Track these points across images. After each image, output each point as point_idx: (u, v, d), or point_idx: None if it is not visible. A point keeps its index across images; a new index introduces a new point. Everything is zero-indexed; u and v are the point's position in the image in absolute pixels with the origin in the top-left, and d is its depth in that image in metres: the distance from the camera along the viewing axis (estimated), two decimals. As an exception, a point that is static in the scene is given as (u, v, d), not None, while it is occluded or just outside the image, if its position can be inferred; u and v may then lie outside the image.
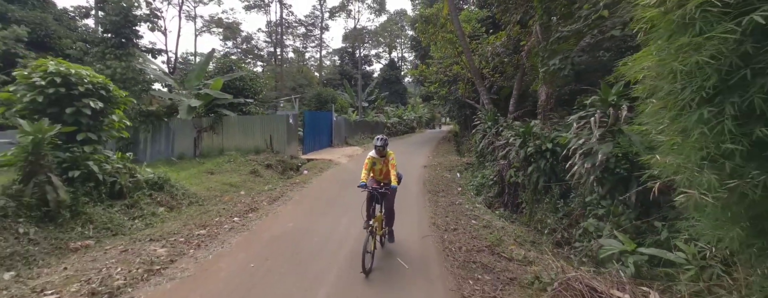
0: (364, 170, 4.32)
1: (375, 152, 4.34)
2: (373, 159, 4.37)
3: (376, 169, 4.44)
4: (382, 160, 4.38)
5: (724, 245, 2.57)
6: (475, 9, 17.62)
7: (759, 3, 1.79)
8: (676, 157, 2.38)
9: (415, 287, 3.55)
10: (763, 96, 1.83)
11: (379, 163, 4.40)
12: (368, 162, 4.37)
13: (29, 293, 3.10)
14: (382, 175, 4.47)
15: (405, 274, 3.82)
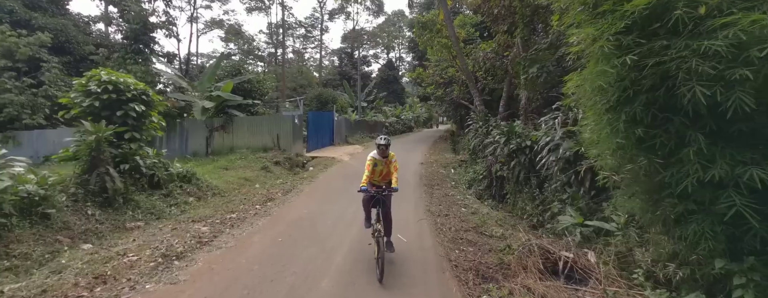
0: (366, 172, 4.11)
1: (377, 152, 4.18)
2: (374, 160, 4.19)
3: (376, 170, 4.24)
4: (384, 161, 4.22)
5: (633, 214, 3.55)
6: (471, 14, 18.56)
7: (637, 47, 2.71)
8: (598, 149, 3.33)
9: (412, 254, 4.49)
10: (641, 108, 2.76)
11: (381, 164, 4.23)
12: (370, 163, 4.16)
13: (115, 256, 4.02)
14: (382, 177, 4.31)
15: (404, 246, 4.75)
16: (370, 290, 3.49)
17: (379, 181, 4.34)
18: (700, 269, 2.82)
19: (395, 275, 3.81)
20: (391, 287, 3.55)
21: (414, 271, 3.98)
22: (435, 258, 4.35)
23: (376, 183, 4.32)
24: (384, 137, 4.22)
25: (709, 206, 2.53)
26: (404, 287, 3.55)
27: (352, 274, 3.85)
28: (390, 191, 4.11)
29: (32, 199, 4.28)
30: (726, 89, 2.24)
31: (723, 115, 2.30)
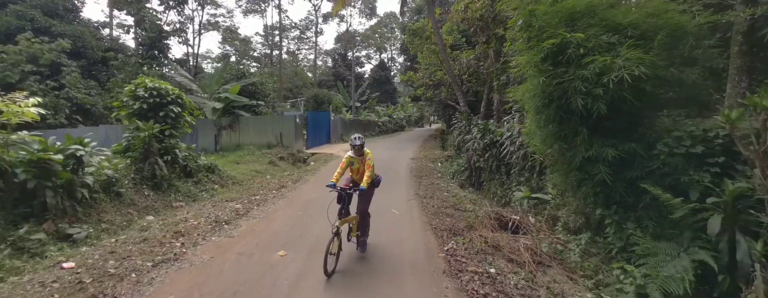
0: (339, 169, 4.25)
1: (352, 151, 4.25)
2: (350, 158, 4.30)
3: (353, 168, 4.38)
4: (360, 159, 4.30)
5: (561, 187, 5.00)
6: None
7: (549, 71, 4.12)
8: (533, 139, 4.77)
9: (404, 221, 5.87)
10: (553, 111, 4.18)
11: (357, 162, 4.33)
12: (345, 161, 4.30)
13: (179, 222, 5.32)
14: (359, 174, 4.37)
15: (397, 216, 6.13)
16: (370, 242, 4.85)
17: (357, 178, 4.39)
18: (589, 217, 4.27)
19: (391, 234, 5.19)
20: (389, 240, 4.92)
21: (405, 231, 5.36)
22: (420, 223, 5.74)
23: (355, 180, 4.40)
24: (358, 137, 4.26)
25: (591, 174, 3.96)
26: (398, 240, 4.93)
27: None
28: (355, 190, 4.09)
29: (111, 180, 5.54)
30: (593, 101, 3.66)
31: (594, 117, 3.73)
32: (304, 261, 4.07)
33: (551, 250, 4.29)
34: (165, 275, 3.57)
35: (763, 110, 2.63)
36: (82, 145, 5.04)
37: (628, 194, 3.80)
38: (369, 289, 3.46)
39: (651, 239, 3.47)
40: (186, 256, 4.09)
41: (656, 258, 3.30)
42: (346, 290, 3.44)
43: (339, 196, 4.10)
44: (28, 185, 4.21)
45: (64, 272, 3.49)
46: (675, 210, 3.27)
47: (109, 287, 3.23)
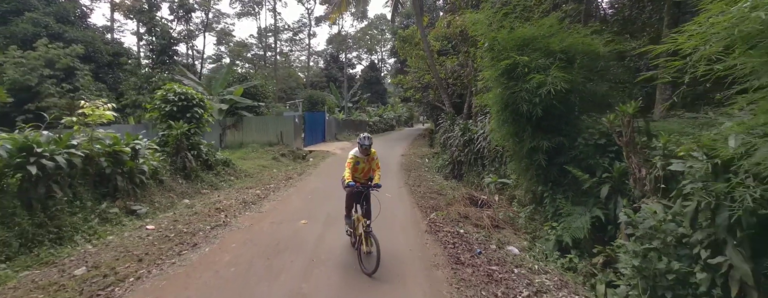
0: (348, 169, 4.13)
1: (359, 151, 4.20)
2: (356, 158, 4.23)
3: (359, 168, 4.31)
4: (366, 159, 4.27)
5: (517, 172, 6.44)
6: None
7: (505, 84, 5.53)
8: (496, 135, 6.20)
9: (395, 202, 7.24)
10: (508, 114, 5.60)
11: (363, 162, 4.28)
12: (351, 161, 4.19)
13: (215, 202, 6.57)
14: (364, 174, 4.38)
15: (389, 199, 7.50)
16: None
17: (361, 178, 4.38)
18: (535, 193, 5.72)
19: (386, 210, 6.53)
20: (385, 214, 6.26)
21: (397, 208, 6.73)
22: (409, 203, 7.13)
23: (359, 180, 4.34)
24: (366, 137, 4.25)
25: (534, 160, 5.39)
26: (392, 214, 6.29)
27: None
28: (373, 187, 4.16)
29: (155, 170, 6.75)
30: (533, 107, 5.08)
31: (535, 118, 5.15)
32: (322, 227, 5.39)
33: (506, 217, 5.74)
34: (222, 234, 4.86)
35: (627, 115, 4.09)
36: (138, 141, 6.25)
37: (558, 174, 5.24)
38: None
39: (571, 205, 4.92)
40: (231, 223, 5.38)
41: (571, 217, 4.74)
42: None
43: (359, 194, 4.14)
44: (106, 171, 5.43)
45: (149, 231, 4.75)
46: (585, 183, 4.72)
47: (188, 239, 4.51)
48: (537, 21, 6.24)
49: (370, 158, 4.33)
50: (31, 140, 4.35)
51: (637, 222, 3.46)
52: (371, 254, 3.76)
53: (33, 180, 4.30)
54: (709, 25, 2.30)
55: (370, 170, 4.39)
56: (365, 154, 4.25)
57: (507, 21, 6.19)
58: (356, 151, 4.28)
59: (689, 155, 3.15)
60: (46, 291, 3.10)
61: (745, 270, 2.60)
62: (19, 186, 4.23)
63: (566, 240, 4.53)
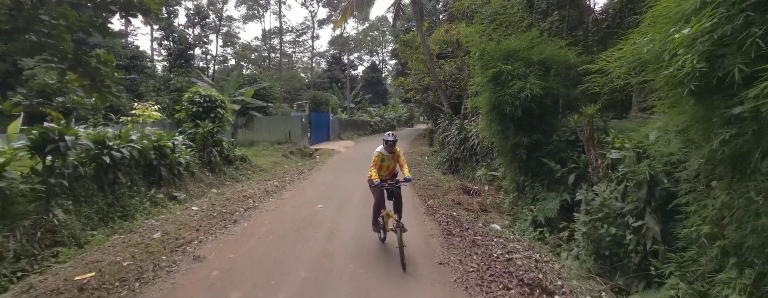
0: (373, 168, 4.14)
1: (384, 148, 4.21)
2: (381, 155, 4.23)
3: (383, 165, 4.32)
4: (391, 156, 4.29)
5: (503, 165, 7.41)
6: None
7: (492, 88, 6.49)
8: (486, 133, 7.17)
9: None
10: (495, 114, 6.56)
11: (388, 159, 4.28)
12: (377, 159, 4.18)
13: (241, 191, 7.54)
14: (389, 171, 4.42)
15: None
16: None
17: (385, 175, 4.41)
18: (518, 183, 6.68)
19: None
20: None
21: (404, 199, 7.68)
22: (410, 193, 8.08)
23: (383, 177, 4.36)
24: (392, 134, 4.31)
25: (516, 154, 6.35)
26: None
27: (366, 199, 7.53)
28: (403, 182, 4.23)
29: (188, 163, 7.72)
30: (515, 109, 6.04)
31: (516, 118, 6.10)
32: (336, 210, 6.35)
33: (493, 203, 6.70)
34: (254, 214, 5.83)
35: (587, 116, 5.05)
36: (176, 138, 7.23)
37: (536, 166, 6.20)
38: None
39: (545, 191, 5.89)
40: (260, 206, 6.35)
41: (545, 201, 5.71)
42: (367, 220, 5.75)
43: (390, 192, 4.20)
44: (153, 163, 6.41)
45: (194, 211, 5.73)
46: (557, 173, 5.68)
47: (228, 217, 5.48)
48: (520, 34, 7.23)
49: (395, 156, 4.36)
50: (104, 136, 5.32)
51: (590, 200, 4.42)
52: (401, 247, 3.74)
53: (104, 168, 5.27)
54: (619, 55, 3.27)
55: (395, 167, 4.44)
56: (390, 151, 4.28)
57: (495, 34, 7.17)
58: (381, 148, 4.27)
59: (623, 146, 4.12)
60: (138, 247, 4.07)
61: (656, 230, 3.56)
62: (95, 173, 5.20)
63: (540, 219, 5.49)
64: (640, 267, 3.70)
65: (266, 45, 40.63)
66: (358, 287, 3.31)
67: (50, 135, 4.38)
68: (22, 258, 3.71)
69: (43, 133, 4.34)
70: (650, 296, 3.44)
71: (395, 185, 4.22)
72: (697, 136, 3.00)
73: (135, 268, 3.52)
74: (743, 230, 2.63)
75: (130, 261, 3.66)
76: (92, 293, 3.03)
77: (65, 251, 4.01)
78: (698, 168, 3.16)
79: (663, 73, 2.90)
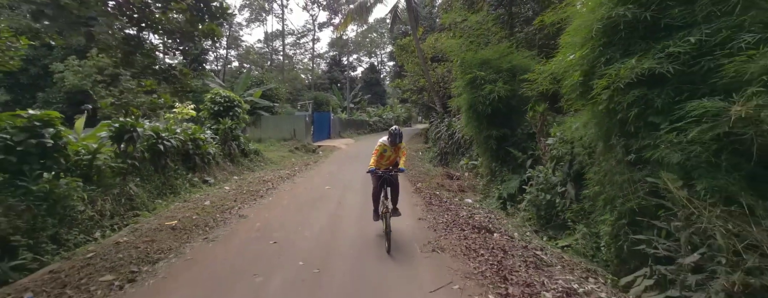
0: (374, 157, 4.32)
1: (388, 140, 4.37)
2: (384, 146, 4.39)
3: (385, 156, 4.49)
4: (393, 148, 4.44)
5: (480, 155, 8.84)
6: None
7: (469, 90, 7.89)
8: (465, 128, 8.59)
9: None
10: (471, 112, 7.97)
11: (390, 151, 4.45)
12: (379, 149, 4.37)
13: (260, 177, 8.94)
14: (389, 162, 4.58)
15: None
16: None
17: (385, 166, 4.56)
18: (491, 169, 8.09)
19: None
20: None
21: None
22: (402, 179, 9.44)
23: (384, 167, 4.53)
24: (396, 128, 4.44)
25: (488, 145, 7.77)
26: (389, 185, 8.65)
27: (366, 185, 8.95)
28: (397, 171, 4.38)
29: (214, 154, 9.11)
30: (486, 108, 7.46)
31: (488, 115, 7.51)
32: (341, 191, 7.75)
33: (470, 185, 8.12)
34: (274, 192, 7.22)
35: (538, 112, 6.46)
36: (207, 132, 8.62)
37: (504, 154, 7.61)
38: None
39: (510, 174, 7.30)
40: (278, 188, 7.75)
41: (509, 181, 7.12)
42: (367, 198, 7.15)
43: (384, 180, 4.33)
44: (190, 152, 7.80)
45: (227, 191, 7.13)
46: (519, 159, 7.10)
47: (255, 194, 6.88)
48: (494, 45, 8.66)
49: (397, 148, 4.51)
50: (159, 129, 6.71)
51: (536, 177, 5.85)
52: (388, 232, 3.96)
53: (158, 154, 6.67)
54: (546, 68, 4.70)
55: (396, 158, 4.60)
56: (393, 144, 4.43)
57: (472, 45, 8.60)
58: (385, 139, 4.48)
59: (555, 135, 5.54)
60: (196, 210, 5.46)
61: (572, 194, 4.97)
62: (151, 158, 6.59)
63: (504, 195, 6.91)
64: (564, 221, 5.12)
65: (269, 47, 42.02)
66: (361, 228, 4.73)
67: (126, 127, 5.77)
68: (114, 216, 5.11)
69: (121, 126, 5.74)
70: (566, 239, 4.85)
71: (389, 172, 4.35)
72: (591, 125, 4.43)
73: (201, 220, 4.92)
74: (610, 186, 4.04)
75: (196, 216, 5.05)
76: (180, 231, 4.42)
77: (142, 213, 5.41)
78: (595, 148, 4.58)
79: (565, 83, 4.34)
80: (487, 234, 4.49)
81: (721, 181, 2.79)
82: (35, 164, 4.33)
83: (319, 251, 3.90)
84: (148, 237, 4.20)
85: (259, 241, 4.23)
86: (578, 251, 4.54)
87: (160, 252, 3.77)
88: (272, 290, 2.98)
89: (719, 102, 2.61)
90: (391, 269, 3.44)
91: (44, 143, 4.36)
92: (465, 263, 3.46)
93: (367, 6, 20.18)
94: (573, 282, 3.03)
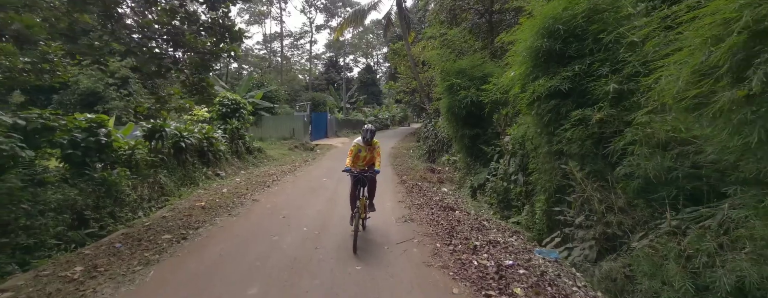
0: (349, 157, 4.40)
1: (362, 140, 4.44)
2: (358, 146, 4.47)
3: (360, 156, 4.56)
4: (368, 148, 4.49)
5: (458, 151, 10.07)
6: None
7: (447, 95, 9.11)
8: (445, 127, 9.83)
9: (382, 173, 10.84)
10: (450, 114, 9.20)
11: (365, 151, 4.51)
12: (353, 149, 4.45)
13: (265, 172, 10.12)
14: (365, 162, 4.64)
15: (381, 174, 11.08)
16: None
17: (362, 166, 4.63)
18: (467, 163, 9.31)
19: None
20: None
21: (383, 175, 10.29)
22: (391, 173, 10.72)
23: (360, 168, 4.60)
24: (369, 126, 4.57)
25: (464, 143, 9.00)
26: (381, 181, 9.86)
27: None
28: (372, 172, 4.46)
29: (224, 151, 10.27)
30: (461, 110, 8.69)
31: (463, 117, 8.73)
32: (336, 182, 8.94)
33: (448, 178, 9.35)
34: (279, 183, 8.41)
35: (502, 115, 7.69)
36: (218, 131, 9.79)
37: (477, 150, 8.84)
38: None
39: (481, 167, 8.54)
40: (282, 180, 8.94)
41: (479, 174, 8.35)
42: (357, 188, 8.35)
43: (358, 179, 4.40)
44: (204, 149, 8.97)
45: (238, 181, 8.31)
46: (488, 154, 8.33)
47: (262, 184, 8.06)
48: (471, 56, 9.88)
49: (371, 148, 4.56)
50: (181, 129, 7.88)
51: (497, 168, 7.08)
52: (356, 232, 4.01)
53: (180, 151, 7.83)
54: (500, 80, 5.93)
55: (372, 158, 4.64)
56: (367, 143, 4.50)
57: (451, 56, 9.82)
58: (359, 140, 4.58)
59: (511, 133, 6.77)
60: (215, 196, 6.64)
61: (521, 181, 6.21)
62: (175, 154, 7.76)
63: (475, 185, 8.14)
64: (515, 203, 6.36)
65: (267, 49, 43.12)
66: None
67: (157, 127, 6.94)
68: (151, 200, 6.28)
69: (153, 126, 6.91)
70: (516, 217, 6.08)
71: (364, 173, 4.44)
72: (531, 126, 5.66)
73: (223, 202, 6.11)
74: (542, 173, 5.27)
75: (218, 200, 6.24)
76: (209, 210, 5.60)
77: (171, 198, 6.59)
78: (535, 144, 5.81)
79: (511, 93, 5.57)
80: (450, 211, 5.71)
81: (597, 165, 4.03)
82: (93, 157, 5.51)
83: (317, 222, 5.10)
84: (185, 213, 5.37)
85: (272, 216, 5.43)
86: (524, 225, 5.78)
87: (198, 223, 4.95)
88: (286, 243, 4.18)
89: (588, 111, 3.84)
90: (371, 231, 4.65)
91: (99, 140, 5.54)
92: (427, 228, 4.68)
93: (362, 12, 21.40)
94: (499, 237, 4.25)
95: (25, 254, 3.77)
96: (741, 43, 1.97)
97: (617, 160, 3.69)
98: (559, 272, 3.50)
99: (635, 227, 3.62)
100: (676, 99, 2.43)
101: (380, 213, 5.65)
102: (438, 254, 3.87)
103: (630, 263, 3.35)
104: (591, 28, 4.14)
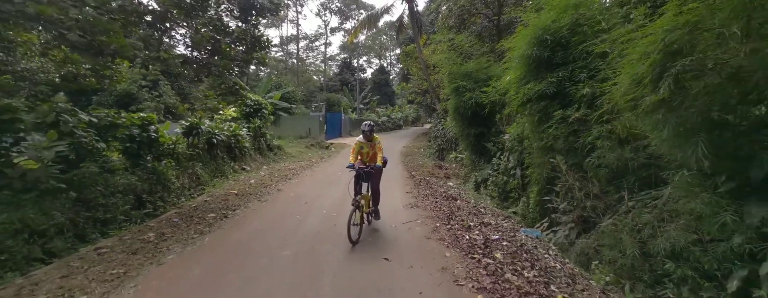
0: (352, 154, 4.66)
1: (362, 137, 4.63)
2: (360, 143, 4.67)
3: (363, 152, 4.75)
4: (369, 144, 4.64)
5: (464, 149, 10.71)
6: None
7: (454, 96, 9.76)
8: (452, 126, 10.49)
9: (393, 169, 11.55)
10: (457, 114, 9.86)
11: (366, 147, 4.68)
12: (356, 146, 4.69)
13: (286, 166, 11.01)
14: (369, 158, 4.76)
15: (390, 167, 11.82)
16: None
17: (367, 162, 4.78)
18: (472, 160, 9.94)
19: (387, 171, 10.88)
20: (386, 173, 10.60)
21: (393, 170, 11.03)
22: (402, 169, 11.44)
23: (365, 162, 4.77)
24: (367, 124, 4.67)
25: (469, 141, 9.65)
26: (391, 172, 10.59)
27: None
28: (373, 168, 4.51)
29: (248, 148, 11.20)
30: (467, 110, 9.34)
31: (468, 117, 9.38)
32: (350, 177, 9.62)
33: (454, 174, 10.01)
34: (299, 177, 9.25)
35: (504, 115, 8.31)
36: (242, 129, 10.74)
37: (481, 148, 9.47)
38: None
39: (485, 163, 9.16)
40: (300, 174, 9.79)
41: (483, 170, 8.98)
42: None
43: (358, 175, 4.56)
44: (232, 145, 9.90)
45: (262, 174, 9.20)
46: (491, 151, 8.95)
47: (284, 177, 8.92)
48: (476, 59, 10.50)
49: (372, 144, 4.69)
50: (213, 126, 8.83)
51: (498, 164, 7.72)
52: (357, 226, 4.16)
53: (211, 146, 8.77)
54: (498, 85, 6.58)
55: (375, 154, 4.72)
56: (368, 139, 4.66)
57: (458, 59, 10.47)
58: (360, 137, 4.79)
59: (510, 132, 7.39)
60: (245, 186, 7.52)
61: (519, 175, 6.84)
62: (208, 149, 8.70)
63: (479, 180, 8.78)
64: (513, 196, 6.98)
65: (284, 51, 44.51)
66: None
67: (193, 125, 7.88)
68: (190, 189, 7.20)
69: (190, 124, 7.84)
70: (513, 207, 6.71)
71: (365, 168, 4.55)
72: (527, 125, 6.28)
73: (252, 191, 6.98)
74: (535, 167, 5.90)
75: (248, 189, 7.12)
76: (241, 196, 6.47)
77: (207, 188, 7.50)
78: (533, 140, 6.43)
79: (508, 95, 6.22)
80: (452, 200, 6.40)
81: (577, 158, 4.66)
82: (146, 150, 6.44)
83: (335, 208, 5.88)
84: (222, 199, 6.25)
85: (295, 202, 6.25)
86: (520, 214, 6.41)
87: (234, 206, 5.81)
88: (309, 223, 4.97)
89: (568, 111, 4.48)
90: (382, 214, 5.40)
91: (150, 136, 6.47)
92: (430, 213, 5.40)
93: (376, 16, 22.19)
94: (492, 220, 4.92)
95: (103, 226, 4.67)
96: (659, 59, 2.62)
97: (587, 153, 4.32)
98: (536, 245, 4.15)
99: (606, 210, 4.24)
100: (621, 101, 3.08)
101: (389, 200, 6.38)
102: (437, 230, 4.58)
103: (598, 239, 3.98)
104: (573, 39, 4.78)
